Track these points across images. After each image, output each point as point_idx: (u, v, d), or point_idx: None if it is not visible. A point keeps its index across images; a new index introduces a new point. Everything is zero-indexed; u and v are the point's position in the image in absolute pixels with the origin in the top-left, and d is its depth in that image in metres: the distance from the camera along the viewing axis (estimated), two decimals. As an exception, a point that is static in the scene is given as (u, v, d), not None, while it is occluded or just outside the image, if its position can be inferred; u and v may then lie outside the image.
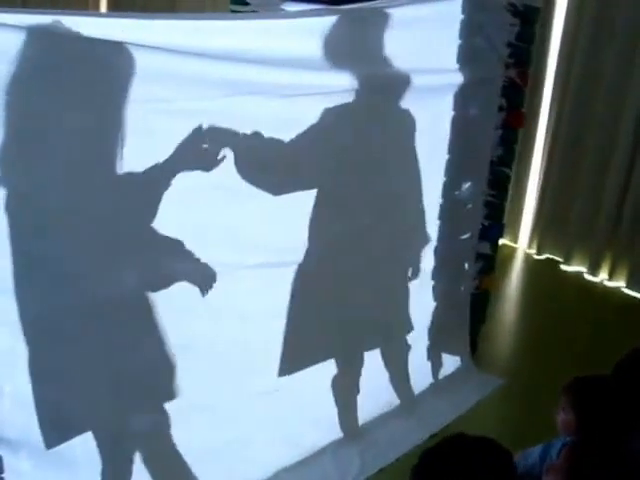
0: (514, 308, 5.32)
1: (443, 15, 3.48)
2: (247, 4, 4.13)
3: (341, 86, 3.06)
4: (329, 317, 3.38)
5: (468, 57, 3.59)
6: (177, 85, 2.54)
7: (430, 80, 3.43)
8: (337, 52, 3.00)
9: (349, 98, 3.10)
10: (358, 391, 3.57)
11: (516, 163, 5.86)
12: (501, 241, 6.02)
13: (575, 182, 5.74)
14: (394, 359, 3.77)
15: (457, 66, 3.59)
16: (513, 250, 6.16)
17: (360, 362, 3.56)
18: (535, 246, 6.09)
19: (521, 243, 6.23)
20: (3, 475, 2.48)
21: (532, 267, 5.96)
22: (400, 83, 3.30)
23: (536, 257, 6.06)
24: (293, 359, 3.25)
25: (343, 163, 3.23)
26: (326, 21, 2.98)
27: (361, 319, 3.50)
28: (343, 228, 3.29)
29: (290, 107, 2.90)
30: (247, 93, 2.74)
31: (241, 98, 2.74)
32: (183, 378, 2.86)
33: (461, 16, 3.54)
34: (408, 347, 3.81)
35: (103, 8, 8.51)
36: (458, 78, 3.58)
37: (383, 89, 3.29)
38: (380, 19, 3.18)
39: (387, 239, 3.50)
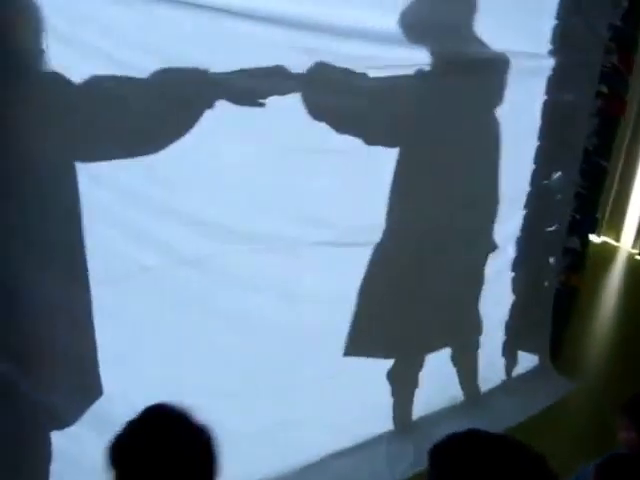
0: (607, 310, 5.04)
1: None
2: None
3: (421, 62, 2.90)
4: (400, 309, 3.25)
5: (564, 39, 3.38)
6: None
7: (521, 62, 3.21)
8: (420, 27, 2.84)
9: (428, 75, 2.93)
10: (417, 384, 3.43)
11: (622, 157, 5.60)
12: (601, 238, 5.82)
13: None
14: (461, 357, 3.61)
15: (551, 48, 3.37)
16: (614, 249, 5.86)
17: (422, 358, 3.41)
18: (639, 246, 5.77)
19: (624, 242, 5.91)
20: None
21: (633, 268, 5.65)
22: (487, 64, 3.12)
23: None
24: (360, 342, 3.15)
25: (423, 139, 3.06)
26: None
27: (431, 316, 3.35)
28: (422, 215, 3.15)
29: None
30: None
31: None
32: (236, 357, 2.79)
33: (558, -6, 3.31)
34: (477, 346, 3.63)
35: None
36: (552, 61, 3.37)
37: (468, 69, 3.06)
38: None
39: (461, 236, 3.31)
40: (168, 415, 1.64)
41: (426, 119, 3.02)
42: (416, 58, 2.87)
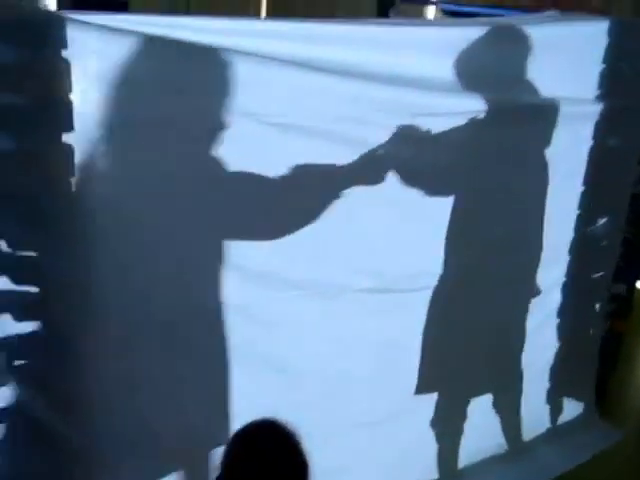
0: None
1: (586, 37, 3.26)
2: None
3: (473, 109, 2.90)
4: (451, 350, 3.22)
5: (611, 83, 3.34)
6: (291, 100, 2.45)
7: (567, 107, 3.19)
8: (474, 72, 2.86)
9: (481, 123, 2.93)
10: (461, 432, 3.37)
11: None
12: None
13: None
14: (503, 403, 3.54)
15: (598, 92, 3.34)
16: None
17: (467, 404, 3.36)
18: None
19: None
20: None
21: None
22: (535, 109, 3.12)
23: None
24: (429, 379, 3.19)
25: (477, 187, 3.07)
26: (461, 37, 2.86)
27: (477, 362, 3.30)
28: (473, 261, 3.13)
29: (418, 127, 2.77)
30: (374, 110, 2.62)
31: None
32: (282, 404, 2.76)
33: (606, 39, 3.29)
34: (520, 393, 3.56)
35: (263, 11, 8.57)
36: (599, 105, 3.34)
37: (519, 115, 3.07)
38: (521, 38, 3.01)
39: (507, 282, 3.27)
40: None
41: (480, 166, 3.02)
42: (466, 105, 2.87)
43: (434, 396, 3.27)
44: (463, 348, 3.20)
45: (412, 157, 2.79)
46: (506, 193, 3.12)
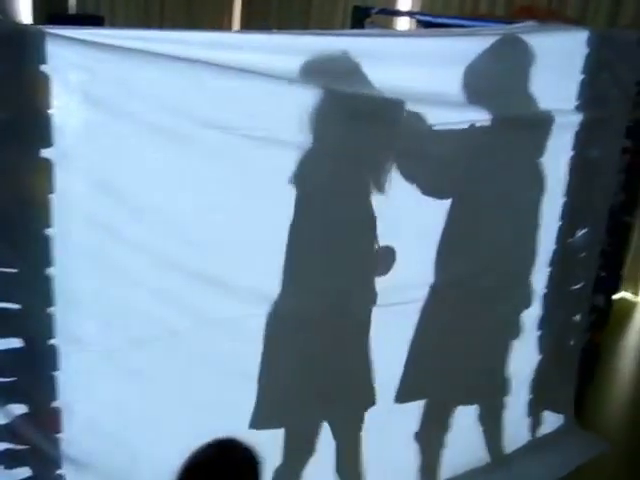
0: (629, 367, 4.95)
1: (566, 48, 3.25)
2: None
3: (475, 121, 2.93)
4: (439, 358, 3.20)
5: (591, 94, 3.33)
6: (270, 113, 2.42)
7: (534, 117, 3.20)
8: (478, 87, 2.91)
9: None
10: (444, 445, 3.34)
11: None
12: (620, 294, 5.74)
13: None
14: (488, 417, 3.52)
15: (578, 103, 3.34)
16: (633, 305, 5.78)
17: (450, 416, 3.33)
18: (659, 300, 5.71)
19: (643, 297, 5.85)
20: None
21: (653, 323, 5.58)
22: (534, 120, 3.18)
23: (658, 313, 5.67)
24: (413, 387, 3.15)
25: (475, 193, 3.07)
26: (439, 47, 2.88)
27: (463, 372, 3.27)
28: (468, 268, 3.13)
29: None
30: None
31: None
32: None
33: (586, 50, 3.28)
34: (504, 406, 3.54)
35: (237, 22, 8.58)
36: (578, 116, 3.33)
37: (518, 126, 3.11)
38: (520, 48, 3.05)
39: (494, 294, 3.25)
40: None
41: (478, 172, 3.03)
42: (468, 117, 2.90)
43: (418, 409, 3.25)
44: (450, 358, 3.18)
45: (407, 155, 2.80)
46: (501, 203, 3.13)
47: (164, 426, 2.52)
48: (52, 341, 2.24)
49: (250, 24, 8.12)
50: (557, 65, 3.18)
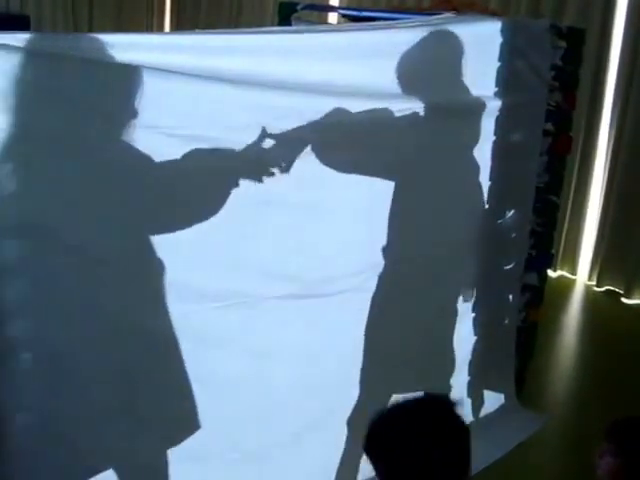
0: (569, 343, 5.08)
1: (483, 37, 3.36)
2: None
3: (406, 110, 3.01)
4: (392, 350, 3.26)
5: (508, 81, 3.43)
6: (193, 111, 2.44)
7: (468, 104, 3.31)
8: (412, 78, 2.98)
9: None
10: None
11: (573, 191, 5.70)
12: (558, 272, 5.88)
13: (637, 210, 5.50)
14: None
15: (496, 89, 3.43)
16: (571, 282, 5.92)
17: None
18: (595, 278, 5.84)
19: (580, 275, 5.99)
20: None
21: (591, 299, 5.73)
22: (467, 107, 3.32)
23: (596, 289, 5.81)
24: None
25: (416, 175, 3.18)
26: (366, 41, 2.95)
27: (413, 358, 3.34)
28: (412, 250, 3.22)
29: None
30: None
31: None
32: (205, 417, 2.74)
33: (500, 39, 3.38)
34: (449, 388, 3.59)
35: (167, 22, 8.53)
36: (497, 102, 3.42)
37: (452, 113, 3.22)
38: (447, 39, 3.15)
39: (440, 271, 3.37)
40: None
41: (418, 155, 3.13)
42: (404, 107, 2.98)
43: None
44: (401, 344, 3.24)
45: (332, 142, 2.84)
46: (441, 187, 3.21)
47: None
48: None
49: (180, 26, 8.10)
50: (477, 53, 3.27)
